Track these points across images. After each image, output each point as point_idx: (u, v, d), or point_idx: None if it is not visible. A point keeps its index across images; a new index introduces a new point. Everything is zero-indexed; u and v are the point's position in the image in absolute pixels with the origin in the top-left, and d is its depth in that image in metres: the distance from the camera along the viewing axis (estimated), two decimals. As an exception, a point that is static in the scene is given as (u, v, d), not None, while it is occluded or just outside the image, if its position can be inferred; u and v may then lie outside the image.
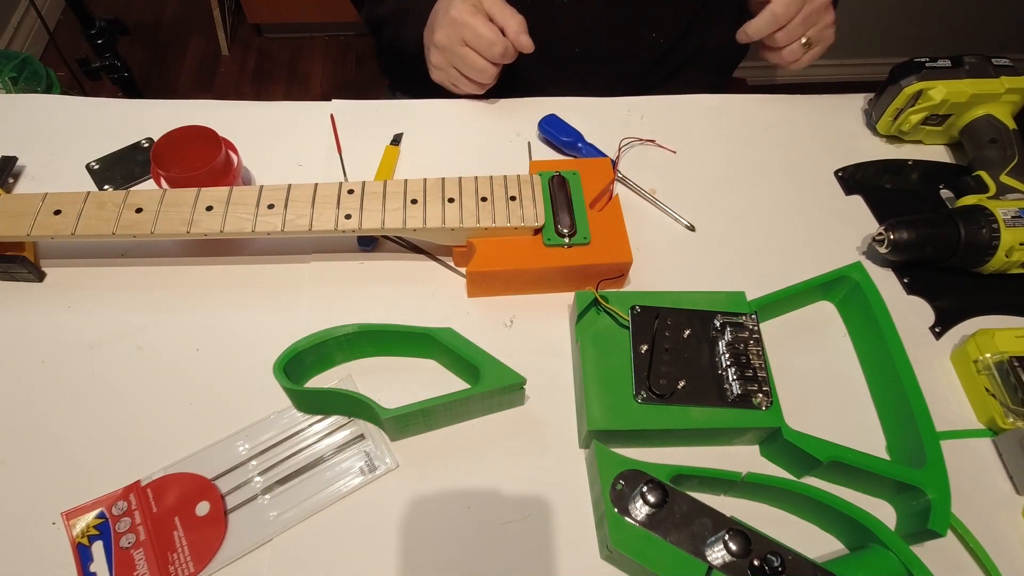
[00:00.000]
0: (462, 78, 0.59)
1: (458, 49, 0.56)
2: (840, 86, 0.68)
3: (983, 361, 0.46)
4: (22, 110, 0.60)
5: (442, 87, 0.63)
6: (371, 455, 0.42)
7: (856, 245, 0.55)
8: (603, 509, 0.37)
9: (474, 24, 0.54)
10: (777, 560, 0.35)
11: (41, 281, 0.50)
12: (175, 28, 1.97)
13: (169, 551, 0.38)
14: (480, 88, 0.60)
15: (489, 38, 0.54)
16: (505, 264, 0.47)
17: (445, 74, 0.60)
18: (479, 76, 0.58)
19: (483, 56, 0.56)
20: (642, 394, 0.41)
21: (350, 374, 0.45)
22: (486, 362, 0.42)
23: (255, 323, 0.48)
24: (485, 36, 0.54)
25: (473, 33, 0.55)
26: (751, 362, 0.43)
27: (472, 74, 0.58)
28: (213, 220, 0.45)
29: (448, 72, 0.59)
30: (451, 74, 0.59)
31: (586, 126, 0.59)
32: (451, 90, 0.62)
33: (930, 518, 0.38)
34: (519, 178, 0.49)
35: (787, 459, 0.43)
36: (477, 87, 0.60)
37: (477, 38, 0.55)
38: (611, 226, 0.49)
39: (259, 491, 0.41)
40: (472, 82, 0.59)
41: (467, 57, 0.56)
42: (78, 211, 0.45)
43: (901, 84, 0.57)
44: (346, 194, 0.47)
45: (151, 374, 0.45)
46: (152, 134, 0.58)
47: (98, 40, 1.28)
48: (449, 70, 0.59)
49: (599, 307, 0.45)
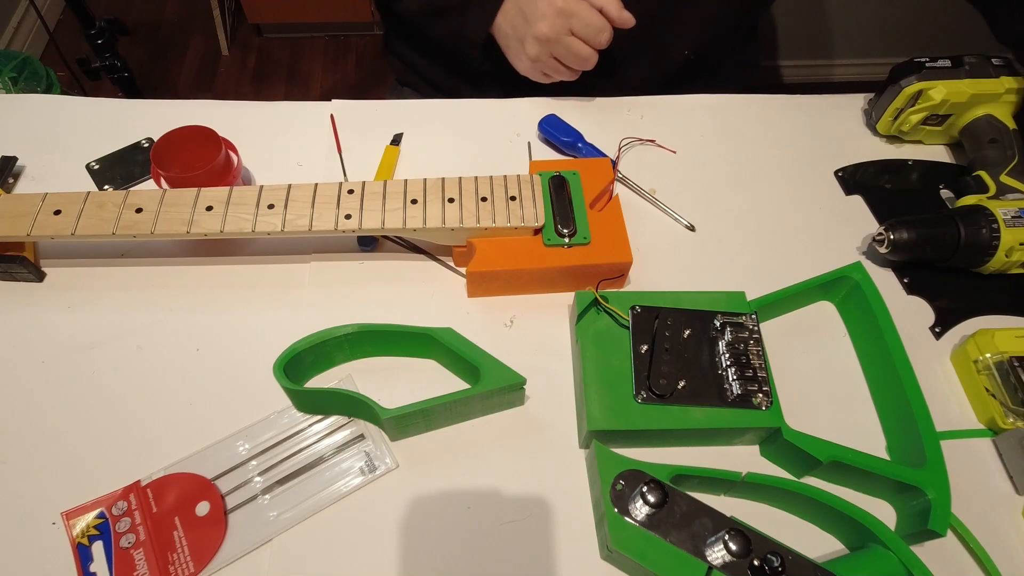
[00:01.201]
0: (561, 68, 0.58)
1: (564, 39, 0.55)
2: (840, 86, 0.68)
3: (983, 361, 0.46)
4: (22, 110, 0.60)
5: (437, 84, 0.62)
6: (371, 455, 0.42)
7: (856, 245, 0.55)
8: (603, 509, 0.37)
9: (582, 12, 0.53)
10: (777, 560, 0.35)
11: (41, 281, 0.50)
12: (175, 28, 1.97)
13: (169, 551, 0.38)
14: (576, 76, 0.59)
15: (597, 25, 0.53)
16: (505, 264, 0.47)
17: (541, 65, 0.58)
18: (583, 64, 0.56)
19: (590, 43, 0.55)
20: (642, 394, 0.41)
21: (350, 374, 0.45)
22: (486, 362, 0.42)
23: (255, 323, 0.48)
24: (594, 23, 0.53)
25: (582, 21, 0.53)
26: (751, 362, 0.43)
27: (576, 63, 0.56)
28: (213, 220, 0.45)
29: (546, 63, 0.58)
30: (549, 65, 0.58)
31: (586, 126, 0.59)
32: (539, 80, 0.60)
33: (930, 518, 0.38)
34: (519, 178, 0.49)
35: (787, 459, 0.43)
36: (574, 75, 0.59)
37: (586, 26, 0.54)
38: (611, 226, 0.49)
39: (259, 491, 0.41)
40: (571, 71, 0.58)
41: (573, 46, 0.55)
42: (78, 211, 0.45)
43: (901, 84, 0.57)
44: (346, 194, 0.47)
45: (151, 374, 0.45)
46: (152, 134, 0.58)
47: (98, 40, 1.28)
48: (548, 61, 0.57)
49: (599, 307, 0.45)
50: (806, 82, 1.82)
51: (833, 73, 1.82)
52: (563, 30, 0.54)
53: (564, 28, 0.54)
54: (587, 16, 0.54)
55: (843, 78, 1.82)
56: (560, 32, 0.55)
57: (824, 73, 1.82)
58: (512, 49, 0.59)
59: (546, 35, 0.55)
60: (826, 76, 1.83)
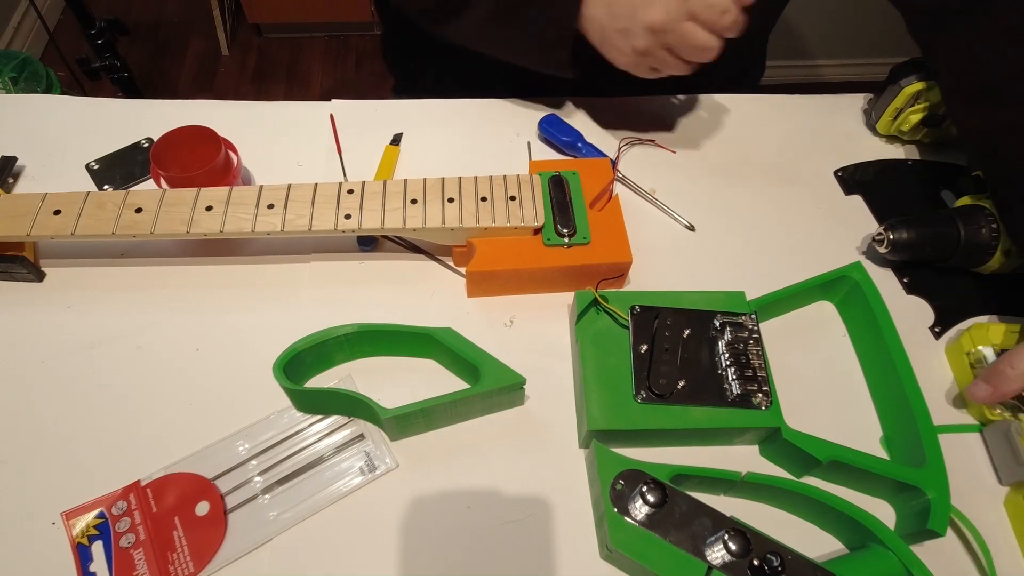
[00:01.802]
0: (672, 60, 0.50)
1: (681, 26, 0.47)
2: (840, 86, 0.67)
3: (975, 353, 0.46)
4: (22, 110, 0.60)
5: (441, 83, 0.61)
6: (371, 455, 0.42)
7: (856, 245, 0.55)
8: (603, 509, 0.37)
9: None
10: (777, 560, 0.35)
11: (41, 281, 0.50)
12: (175, 28, 1.98)
13: (169, 551, 0.38)
14: (692, 69, 0.51)
15: (722, 4, 0.45)
16: (505, 264, 0.47)
17: (650, 60, 0.50)
18: (702, 55, 0.48)
19: (713, 28, 0.47)
20: (642, 394, 0.41)
21: (350, 374, 0.45)
22: (486, 362, 0.42)
23: (255, 323, 0.48)
24: (718, 3, 0.45)
25: (704, 3, 0.46)
26: (751, 362, 0.43)
27: (693, 54, 0.49)
28: (213, 220, 0.45)
29: (656, 55, 0.50)
30: (659, 57, 0.50)
31: (586, 126, 0.60)
32: (644, 76, 0.52)
33: (929, 518, 0.38)
34: (519, 178, 0.49)
35: (787, 459, 0.43)
36: (688, 68, 0.50)
37: (708, 7, 0.46)
38: (611, 226, 0.49)
39: (259, 491, 0.41)
40: (685, 63, 0.50)
41: (691, 34, 0.47)
42: (78, 211, 0.45)
43: (901, 84, 0.57)
44: (346, 194, 0.47)
45: (151, 374, 0.45)
46: (152, 134, 0.58)
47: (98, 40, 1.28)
48: (658, 52, 0.49)
49: (599, 307, 0.45)
50: (806, 82, 1.82)
51: (833, 73, 1.82)
52: (681, 15, 0.47)
53: (682, 13, 0.46)
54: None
55: (843, 78, 1.82)
56: (677, 18, 0.47)
57: (824, 73, 1.82)
58: (611, 42, 0.51)
59: (661, 23, 0.47)
60: (826, 76, 1.83)
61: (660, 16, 0.47)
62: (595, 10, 0.51)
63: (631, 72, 0.52)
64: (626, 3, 0.49)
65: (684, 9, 0.46)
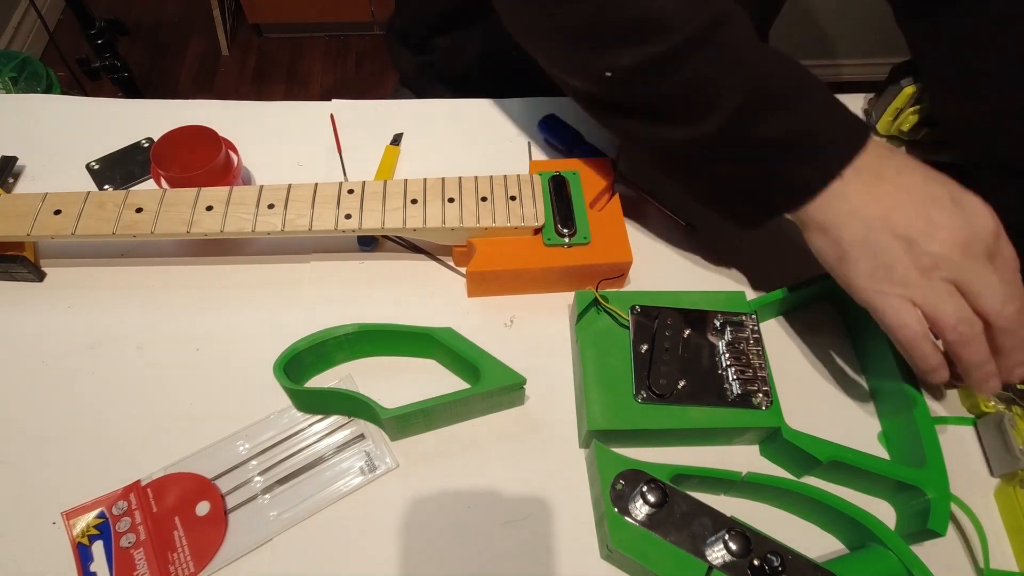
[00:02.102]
0: (953, 302, 0.36)
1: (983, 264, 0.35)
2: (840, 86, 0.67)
3: None
4: (22, 110, 0.60)
5: (445, 80, 0.58)
6: (371, 455, 0.42)
7: (856, 245, 0.55)
8: (603, 509, 0.37)
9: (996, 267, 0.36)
10: (777, 560, 0.35)
11: (41, 281, 0.50)
12: (175, 28, 1.98)
13: (169, 551, 0.38)
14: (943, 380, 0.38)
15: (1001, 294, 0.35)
16: (505, 264, 0.47)
17: (917, 289, 0.36)
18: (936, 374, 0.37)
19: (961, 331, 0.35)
20: (642, 394, 0.41)
21: (350, 374, 0.45)
22: (486, 362, 0.42)
23: (255, 323, 0.48)
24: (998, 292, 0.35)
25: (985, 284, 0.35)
26: (751, 362, 0.43)
27: (988, 299, 0.35)
28: (213, 220, 0.45)
29: (935, 286, 0.36)
30: (937, 288, 0.36)
31: (586, 126, 0.59)
32: (887, 314, 0.37)
33: (930, 518, 0.38)
34: (519, 178, 0.49)
35: (787, 459, 0.43)
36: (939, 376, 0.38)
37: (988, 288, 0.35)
38: (611, 226, 0.49)
39: (259, 491, 0.41)
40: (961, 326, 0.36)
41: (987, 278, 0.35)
42: (78, 211, 0.45)
43: (901, 84, 0.57)
44: (346, 194, 0.47)
45: (151, 374, 0.45)
46: (152, 134, 0.58)
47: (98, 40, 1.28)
48: (939, 283, 0.36)
49: (599, 307, 0.45)
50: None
51: (833, 73, 1.82)
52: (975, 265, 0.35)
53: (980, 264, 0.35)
54: (990, 276, 0.35)
55: (843, 78, 1.82)
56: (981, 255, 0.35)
57: (824, 73, 1.82)
58: (877, 247, 0.36)
59: (941, 256, 0.35)
60: (826, 76, 1.83)
61: (944, 247, 0.35)
62: (866, 202, 0.37)
63: (895, 330, 0.37)
64: (916, 213, 0.36)
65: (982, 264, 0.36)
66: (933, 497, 0.38)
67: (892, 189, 0.37)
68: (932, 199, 0.37)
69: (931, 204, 0.36)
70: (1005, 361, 0.37)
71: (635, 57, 0.38)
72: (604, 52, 0.39)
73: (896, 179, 0.37)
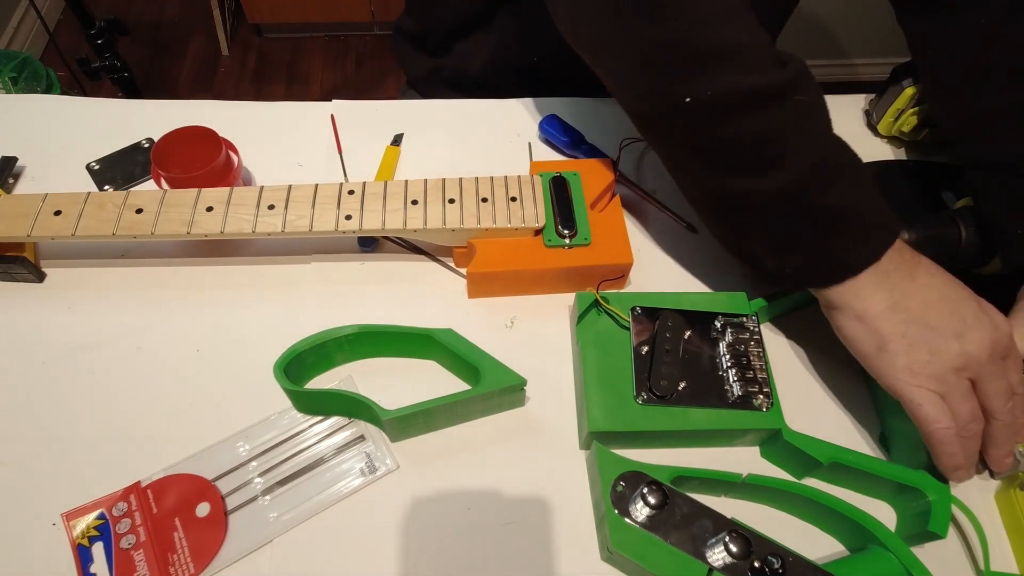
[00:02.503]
0: (971, 401, 0.37)
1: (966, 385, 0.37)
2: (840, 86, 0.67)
3: None
4: (22, 110, 0.60)
5: (441, 84, 0.57)
6: (371, 456, 0.42)
7: (857, 246, 0.55)
8: (603, 510, 0.37)
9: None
10: (777, 562, 0.35)
11: (41, 281, 0.50)
12: (175, 28, 1.98)
13: (169, 552, 0.38)
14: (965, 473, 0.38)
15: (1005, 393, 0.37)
16: (506, 265, 0.47)
17: (942, 382, 0.37)
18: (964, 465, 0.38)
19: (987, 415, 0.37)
20: (642, 395, 0.41)
21: (350, 375, 0.45)
22: (486, 363, 0.42)
23: (255, 324, 0.48)
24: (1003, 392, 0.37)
25: (997, 389, 0.37)
26: (752, 363, 0.43)
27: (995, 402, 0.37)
28: (213, 221, 0.45)
29: (959, 386, 0.37)
30: (961, 388, 0.37)
31: (587, 126, 0.59)
32: (915, 400, 0.37)
33: (930, 520, 0.38)
34: (520, 179, 0.49)
35: (787, 460, 0.43)
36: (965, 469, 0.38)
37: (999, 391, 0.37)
38: (612, 227, 0.49)
39: (259, 492, 0.41)
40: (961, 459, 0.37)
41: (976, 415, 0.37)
42: (78, 212, 0.45)
43: (902, 84, 0.57)
44: (346, 195, 0.47)
45: (151, 374, 0.45)
46: (152, 134, 0.58)
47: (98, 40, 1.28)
48: (961, 383, 0.37)
49: (600, 308, 0.45)
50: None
51: (833, 73, 1.82)
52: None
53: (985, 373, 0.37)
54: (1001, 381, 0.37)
55: (843, 78, 1.82)
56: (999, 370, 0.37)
57: (824, 73, 1.82)
58: (909, 348, 0.37)
59: (976, 355, 0.36)
60: (827, 76, 1.83)
61: (976, 346, 0.37)
62: (905, 296, 0.38)
63: (912, 406, 0.38)
64: (960, 311, 0.38)
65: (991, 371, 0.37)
66: (934, 499, 0.38)
67: (926, 287, 0.39)
68: (962, 300, 0.38)
69: (962, 305, 0.38)
70: (998, 450, 0.39)
71: (715, 88, 0.37)
72: (683, 78, 0.38)
73: (929, 279, 0.39)
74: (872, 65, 1.77)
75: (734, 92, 0.37)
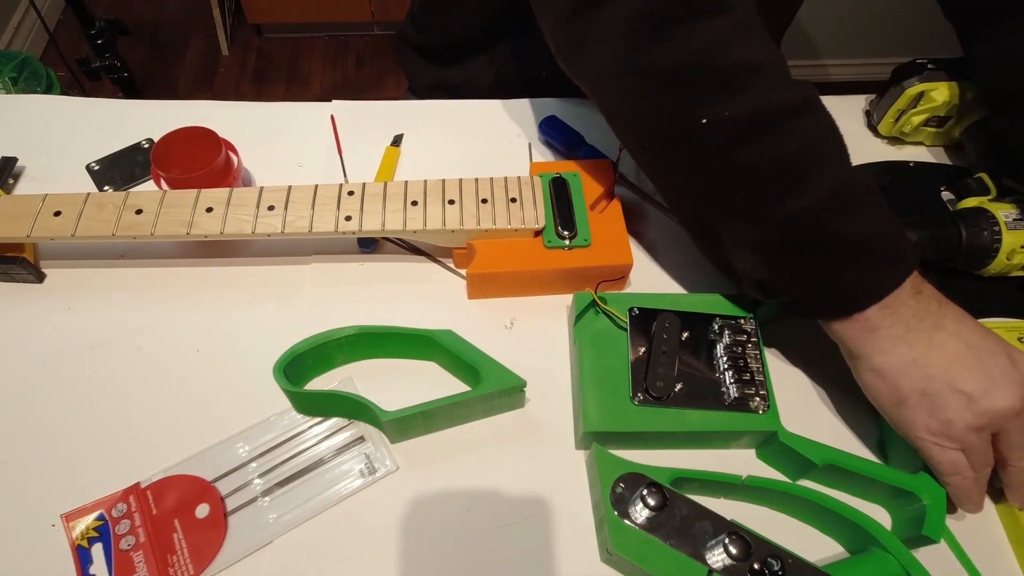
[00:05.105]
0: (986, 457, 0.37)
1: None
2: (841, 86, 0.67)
3: None
4: (22, 110, 0.60)
5: (444, 88, 0.57)
6: (371, 457, 0.42)
7: (856, 247, 0.55)
8: (603, 512, 0.37)
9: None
10: (777, 564, 0.35)
11: (41, 282, 0.50)
12: (175, 28, 1.98)
13: (169, 553, 0.38)
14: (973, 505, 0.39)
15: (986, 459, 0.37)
16: (505, 266, 0.47)
17: (960, 439, 0.36)
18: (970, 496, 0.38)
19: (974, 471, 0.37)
20: (639, 396, 0.41)
21: (350, 376, 0.45)
22: (486, 364, 0.42)
23: (255, 325, 0.48)
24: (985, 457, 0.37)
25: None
26: (749, 365, 0.43)
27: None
28: (213, 222, 0.45)
29: (977, 444, 0.37)
30: (979, 446, 0.37)
31: (587, 128, 0.59)
32: (931, 454, 0.38)
33: (924, 524, 0.38)
34: (519, 180, 0.49)
35: (783, 462, 0.43)
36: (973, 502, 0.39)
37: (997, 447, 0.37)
38: (612, 228, 0.49)
39: (259, 493, 0.41)
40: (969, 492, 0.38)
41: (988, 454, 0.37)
42: (78, 212, 0.45)
43: (903, 85, 0.57)
44: (346, 195, 0.47)
45: (151, 375, 0.45)
46: (152, 134, 0.58)
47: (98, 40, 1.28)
48: (979, 442, 0.37)
49: (597, 308, 0.45)
50: (807, 82, 1.82)
51: (833, 73, 1.82)
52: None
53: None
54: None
55: (844, 78, 1.82)
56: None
57: (824, 73, 1.82)
58: (930, 407, 0.37)
59: (997, 415, 0.35)
60: (826, 76, 1.83)
61: (1005, 402, 0.35)
62: (927, 351, 0.37)
63: (927, 452, 0.38)
64: (987, 367, 0.36)
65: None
66: (928, 503, 0.38)
67: (953, 337, 0.37)
68: (990, 353, 0.36)
69: (990, 360, 0.36)
70: (1016, 492, 0.39)
71: (732, 110, 0.36)
72: (701, 99, 0.37)
73: (956, 327, 0.37)
74: (872, 65, 1.77)
75: (755, 112, 0.36)
